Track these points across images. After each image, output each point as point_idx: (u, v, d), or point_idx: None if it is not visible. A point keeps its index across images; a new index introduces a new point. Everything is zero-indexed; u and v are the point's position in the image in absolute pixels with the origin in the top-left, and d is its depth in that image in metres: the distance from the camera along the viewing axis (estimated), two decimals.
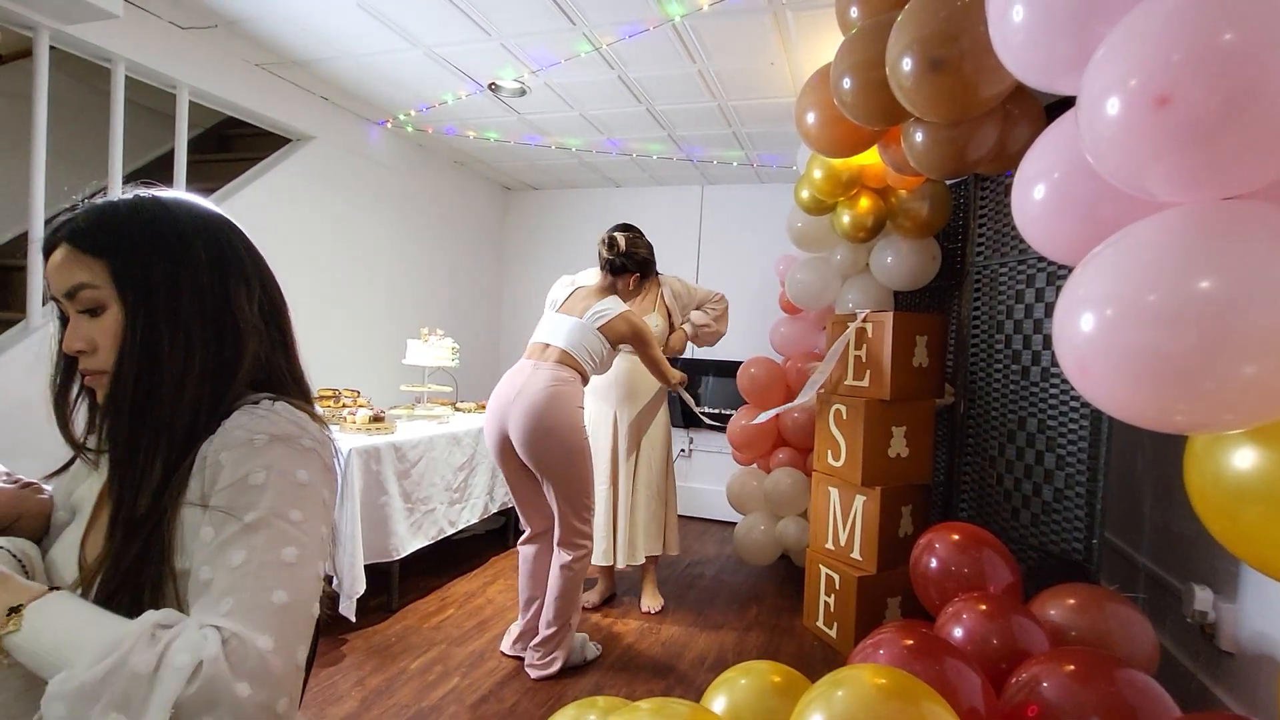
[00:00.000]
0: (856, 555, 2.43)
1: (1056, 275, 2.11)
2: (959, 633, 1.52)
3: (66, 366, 0.75)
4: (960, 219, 2.66)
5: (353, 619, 2.29)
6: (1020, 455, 2.23)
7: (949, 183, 2.62)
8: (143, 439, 0.67)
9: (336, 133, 3.24)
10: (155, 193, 0.73)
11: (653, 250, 2.41)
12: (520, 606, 2.31)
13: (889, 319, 2.35)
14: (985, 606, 1.54)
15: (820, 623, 2.54)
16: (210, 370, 0.70)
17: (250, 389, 0.73)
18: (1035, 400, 2.18)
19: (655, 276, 2.76)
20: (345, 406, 2.85)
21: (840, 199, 2.57)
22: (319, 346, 3.21)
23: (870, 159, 2.32)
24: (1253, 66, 0.73)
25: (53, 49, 2.12)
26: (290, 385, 0.77)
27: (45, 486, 0.81)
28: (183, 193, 0.76)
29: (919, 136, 1.74)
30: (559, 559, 2.16)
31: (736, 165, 3.91)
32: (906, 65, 1.51)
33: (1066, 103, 1.01)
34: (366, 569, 2.34)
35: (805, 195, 2.64)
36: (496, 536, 3.52)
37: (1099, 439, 1.94)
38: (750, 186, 4.28)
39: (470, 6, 2.25)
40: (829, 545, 2.55)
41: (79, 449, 0.76)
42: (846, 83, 1.74)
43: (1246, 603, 1.58)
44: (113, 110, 2.32)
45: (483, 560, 3.26)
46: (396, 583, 2.63)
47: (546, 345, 2.20)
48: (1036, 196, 1.15)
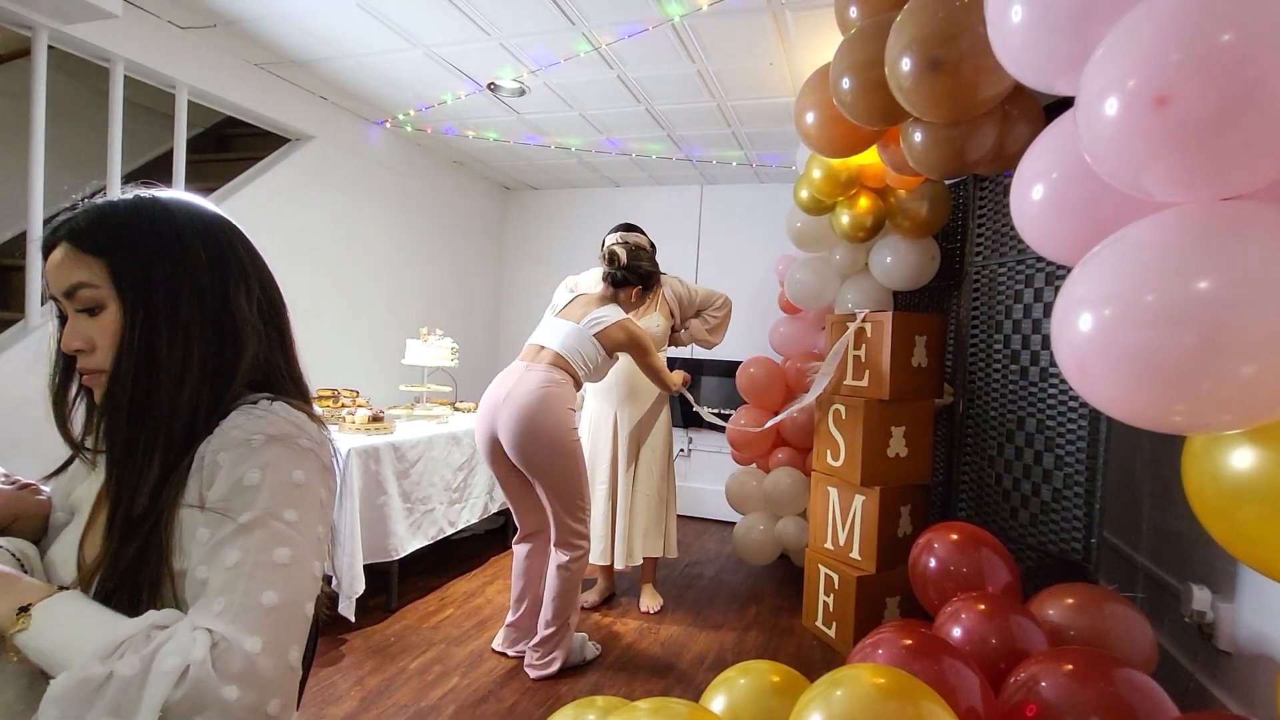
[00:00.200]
0: (855, 555, 2.43)
1: (1055, 275, 2.11)
2: (958, 632, 1.52)
3: (65, 366, 0.75)
4: (959, 219, 2.67)
5: (352, 619, 2.29)
6: (1019, 455, 2.23)
7: (948, 183, 2.62)
8: (140, 439, 0.67)
9: (336, 132, 3.24)
10: (155, 193, 0.73)
11: (655, 261, 2.39)
12: (511, 603, 2.32)
13: (888, 319, 2.35)
14: (984, 606, 1.54)
15: (819, 622, 2.54)
16: (209, 370, 0.70)
17: (249, 389, 0.73)
18: (1034, 400, 2.18)
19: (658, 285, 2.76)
20: (344, 406, 2.85)
21: (839, 199, 2.57)
22: (318, 346, 3.21)
23: (869, 159, 2.32)
24: (1251, 67, 0.73)
25: (51, 48, 2.11)
26: (289, 385, 0.77)
27: (43, 487, 0.81)
28: (183, 193, 0.76)
29: (918, 137, 1.74)
30: (556, 559, 2.16)
31: (736, 165, 3.91)
32: (905, 65, 1.51)
33: (1065, 103, 1.01)
34: (366, 569, 2.34)
35: (804, 195, 2.64)
36: (496, 536, 3.52)
37: (1097, 439, 1.94)
38: (750, 186, 4.29)
39: (469, 6, 2.24)
40: (828, 545, 2.55)
41: (77, 448, 0.76)
42: (846, 83, 1.74)
43: (1244, 602, 1.59)
44: (111, 110, 2.32)
45: (482, 560, 3.26)
46: (396, 582, 2.63)
47: (541, 348, 2.20)
48: (1035, 196, 1.15)
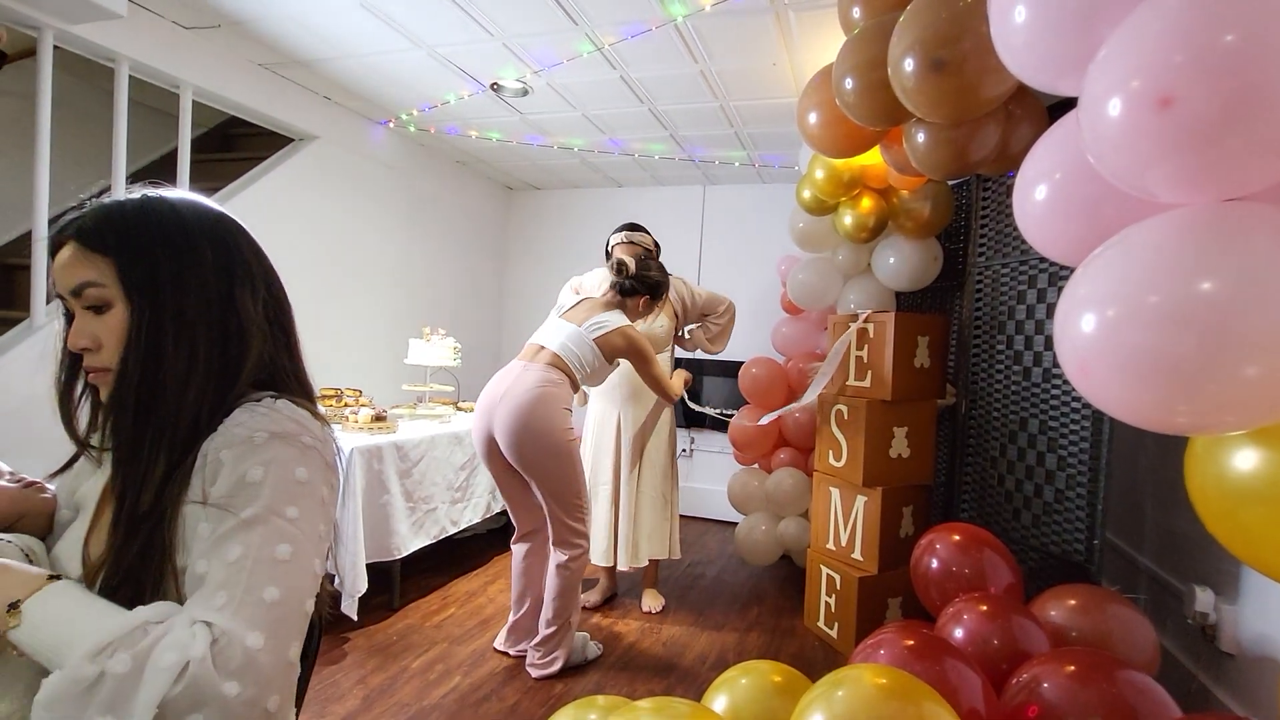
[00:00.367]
0: (857, 556, 2.43)
1: (1058, 276, 2.11)
2: (960, 633, 1.52)
3: (71, 364, 0.75)
4: (962, 219, 2.66)
5: (355, 618, 2.29)
6: (1021, 456, 2.22)
7: (951, 183, 2.62)
8: (146, 437, 0.67)
9: (339, 132, 3.25)
10: (162, 193, 0.74)
11: (664, 269, 2.37)
12: (512, 603, 2.32)
13: (890, 319, 2.35)
14: (986, 607, 1.54)
15: (821, 623, 2.54)
16: (214, 369, 0.70)
17: (254, 388, 0.73)
18: (1037, 401, 2.18)
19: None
20: (347, 406, 2.86)
21: (842, 199, 2.57)
22: (321, 346, 3.21)
23: (872, 159, 2.32)
24: (1255, 68, 0.73)
25: (57, 48, 2.12)
26: (293, 385, 0.78)
27: (49, 486, 0.82)
28: (189, 193, 0.76)
29: (921, 137, 1.74)
30: (555, 558, 2.16)
31: (738, 165, 3.91)
32: (908, 66, 1.51)
33: (1069, 103, 1.01)
34: (368, 568, 2.34)
35: (807, 195, 2.64)
36: (498, 536, 3.53)
37: (1100, 440, 1.94)
38: (752, 187, 4.28)
39: (473, 6, 2.25)
40: (830, 545, 2.55)
41: (83, 446, 0.77)
42: (848, 83, 1.74)
43: (1248, 604, 1.58)
44: (116, 110, 2.33)
45: (484, 559, 3.26)
46: (398, 581, 2.63)
47: (541, 347, 2.20)
48: (1038, 197, 1.15)
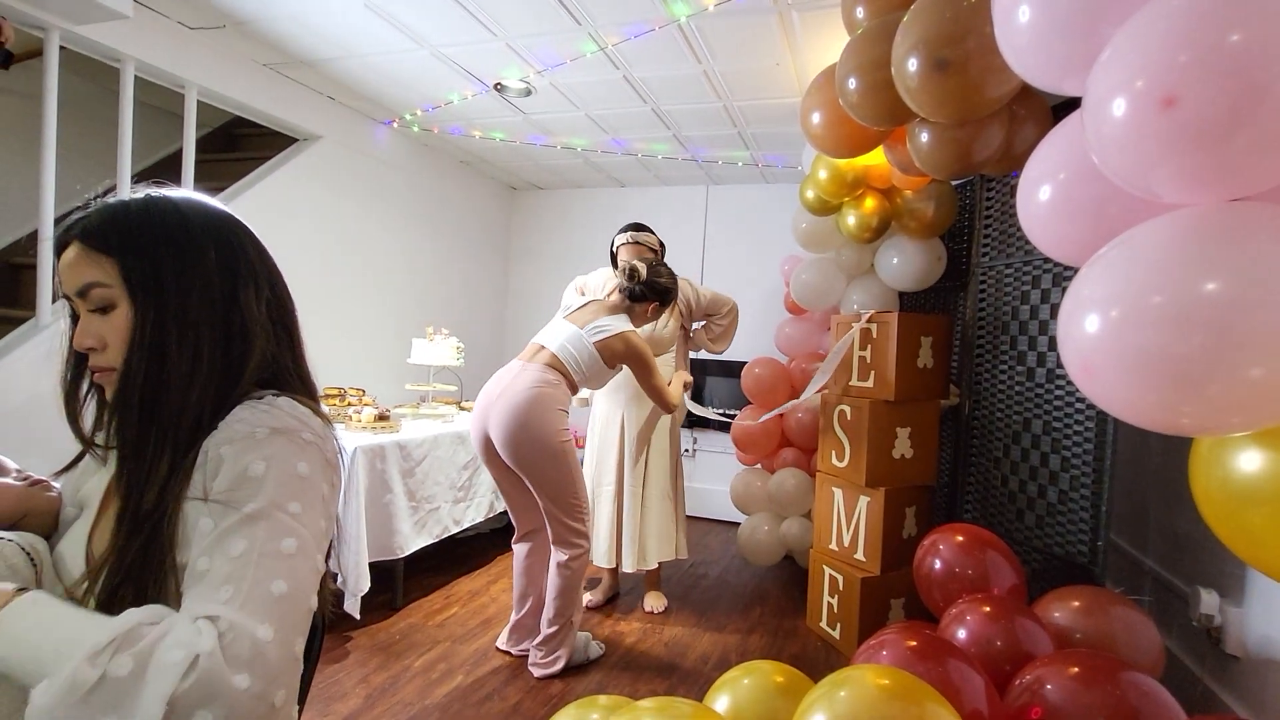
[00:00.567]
0: (860, 556, 2.43)
1: (1062, 276, 2.10)
2: (962, 634, 1.51)
3: (77, 363, 0.76)
4: (966, 219, 2.66)
5: (357, 616, 2.30)
6: (1025, 457, 2.22)
7: (955, 183, 2.61)
8: (150, 435, 0.67)
9: (343, 132, 3.26)
10: (167, 192, 0.74)
11: (673, 274, 2.34)
12: (514, 602, 2.32)
13: (894, 319, 2.34)
14: (989, 608, 1.53)
15: (824, 624, 2.54)
16: (218, 369, 0.71)
17: (257, 387, 0.74)
18: (1040, 402, 2.17)
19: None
20: (351, 405, 2.86)
21: (845, 199, 2.56)
22: (324, 345, 3.22)
23: (875, 159, 2.32)
24: (1259, 68, 0.73)
25: (63, 49, 2.13)
26: (296, 384, 0.78)
27: (54, 484, 0.82)
28: (194, 193, 0.77)
29: (924, 137, 1.74)
30: (555, 557, 2.16)
31: (742, 165, 3.91)
32: (912, 66, 1.50)
33: (1073, 103, 1.01)
34: (371, 567, 2.35)
35: (810, 196, 2.63)
36: (501, 535, 3.53)
37: (1104, 441, 1.93)
38: (755, 187, 4.28)
39: (476, 7, 2.25)
40: (833, 546, 2.55)
41: (88, 444, 0.77)
42: (852, 83, 1.74)
43: (1253, 607, 1.58)
44: (121, 110, 2.34)
45: (487, 559, 3.27)
46: (401, 581, 2.64)
47: (541, 347, 2.20)
48: (1042, 197, 1.15)
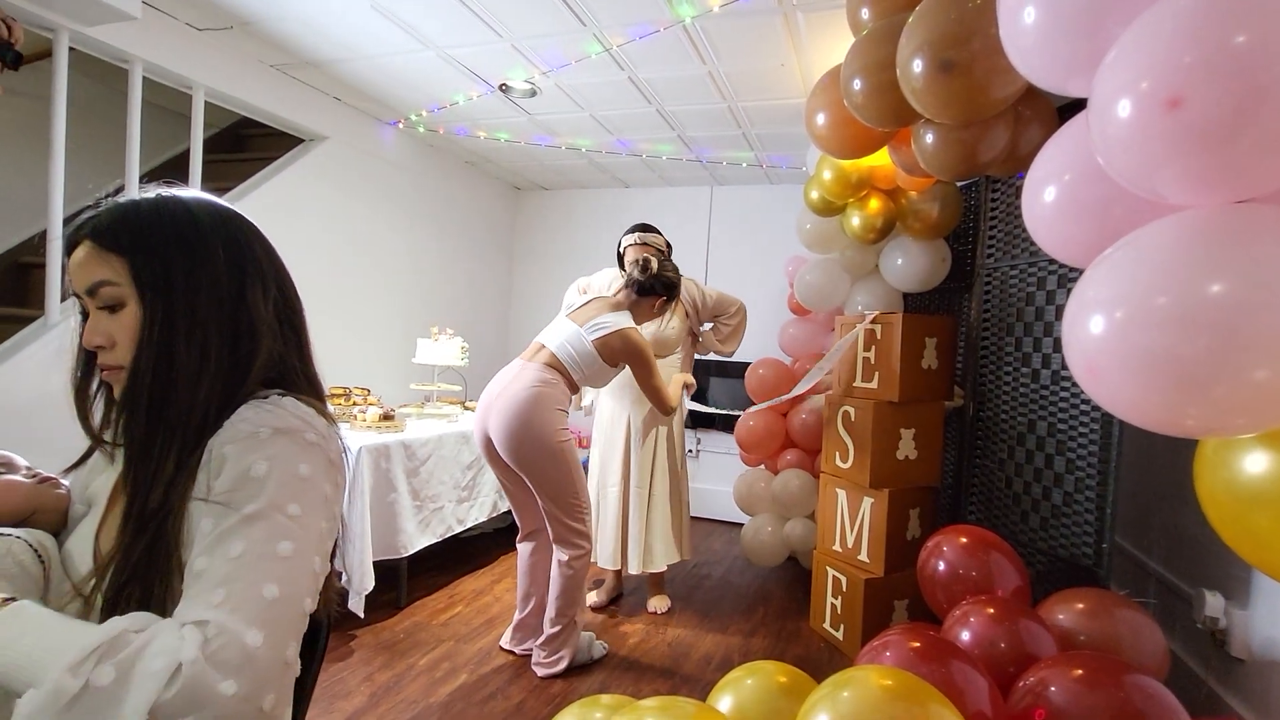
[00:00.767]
0: (864, 557, 2.42)
1: (1067, 278, 2.09)
2: (966, 636, 1.51)
3: (86, 361, 0.76)
4: (971, 220, 2.65)
5: (361, 615, 2.31)
6: (1030, 458, 2.21)
7: (960, 184, 2.61)
8: (158, 434, 0.68)
9: (349, 133, 3.27)
10: (176, 192, 0.74)
11: (678, 269, 2.36)
12: (518, 602, 2.33)
13: (898, 320, 2.34)
14: (993, 610, 1.53)
15: (827, 625, 2.54)
16: (225, 368, 0.71)
17: (264, 386, 0.74)
18: (1045, 403, 2.16)
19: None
20: (355, 405, 2.88)
21: (850, 200, 2.56)
22: (330, 345, 3.23)
23: (880, 160, 2.31)
24: (1265, 69, 0.73)
25: (72, 50, 2.15)
26: (303, 384, 0.78)
27: (63, 481, 0.83)
28: (203, 193, 0.77)
29: (929, 138, 1.74)
30: (556, 556, 2.16)
31: (746, 166, 3.91)
32: (917, 67, 1.50)
33: (1079, 104, 1.01)
34: (375, 566, 2.36)
35: (815, 196, 2.63)
36: (504, 535, 3.53)
37: (1110, 443, 1.93)
38: (760, 187, 4.28)
39: (482, 8, 2.26)
40: (836, 547, 2.55)
41: (98, 441, 0.78)
42: (857, 84, 1.74)
43: (1258, 609, 1.57)
44: (130, 110, 2.35)
45: (491, 558, 3.27)
46: (405, 580, 2.64)
47: (541, 346, 2.20)
48: (1047, 198, 1.14)
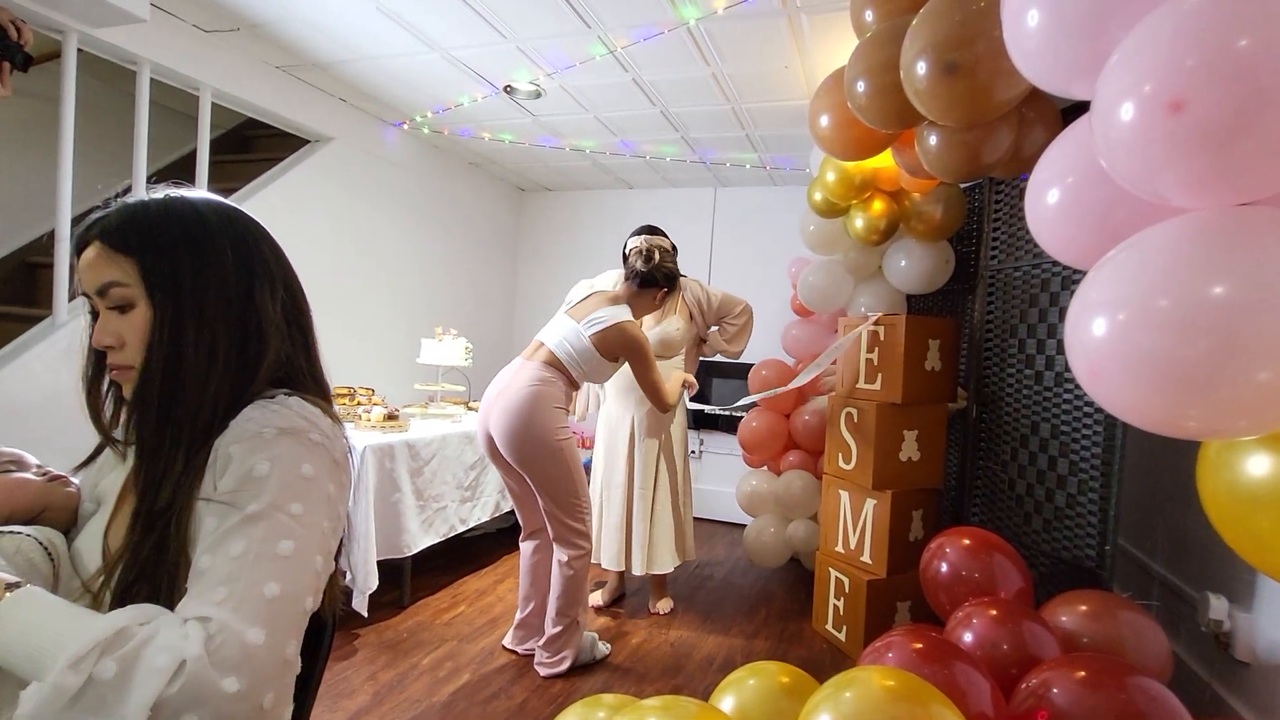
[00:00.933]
0: (866, 559, 2.42)
1: (1071, 280, 2.09)
2: (969, 637, 1.51)
3: (96, 360, 0.77)
4: (974, 222, 2.65)
5: (365, 614, 2.32)
6: (1033, 460, 2.21)
7: (963, 186, 2.61)
8: (167, 433, 0.68)
9: (354, 134, 3.28)
10: (185, 193, 0.75)
11: (677, 264, 2.36)
12: (519, 602, 2.33)
13: (901, 322, 2.34)
14: (995, 612, 1.53)
15: (829, 626, 2.54)
16: (233, 368, 0.71)
17: (271, 386, 0.74)
18: (1049, 405, 2.16)
19: (677, 280, 2.75)
20: (360, 404, 2.89)
21: (853, 202, 2.56)
22: (335, 345, 3.24)
23: (884, 162, 2.31)
24: (1267, 72, 0.73)
25: (80, 51, 2.16)
26: (310, 384, 0.78)
27: (73, 480, 0.84)
28: (211, 194, 0.77)
29: (933, 140, 1.74)
30: (557, 555, 2.16)
31: (750, 168, 3.91)
32: (921, 69, 1.51)
33: (1083, 106, 1.01)
34: (379, 565, 2.37)
35: (818, 198, 2.63)
36: (507, 535, 3.54)
37: (1113, 445, 1.92)
38: (763, 189, 4.28)
39: (487, 10, 2.27)
40: (839, 548, 2.55)
41: (108, 440, 0.78)
42: (860, 86, 1.74)
43: (1263, 612, 1.57)
44: (137, 111, 2.37)
45: (494, 558, 3.28)
46: (409, 579, 2.65)
47: (540, 345, 2.20)
48: (1050, 200, 1.15)
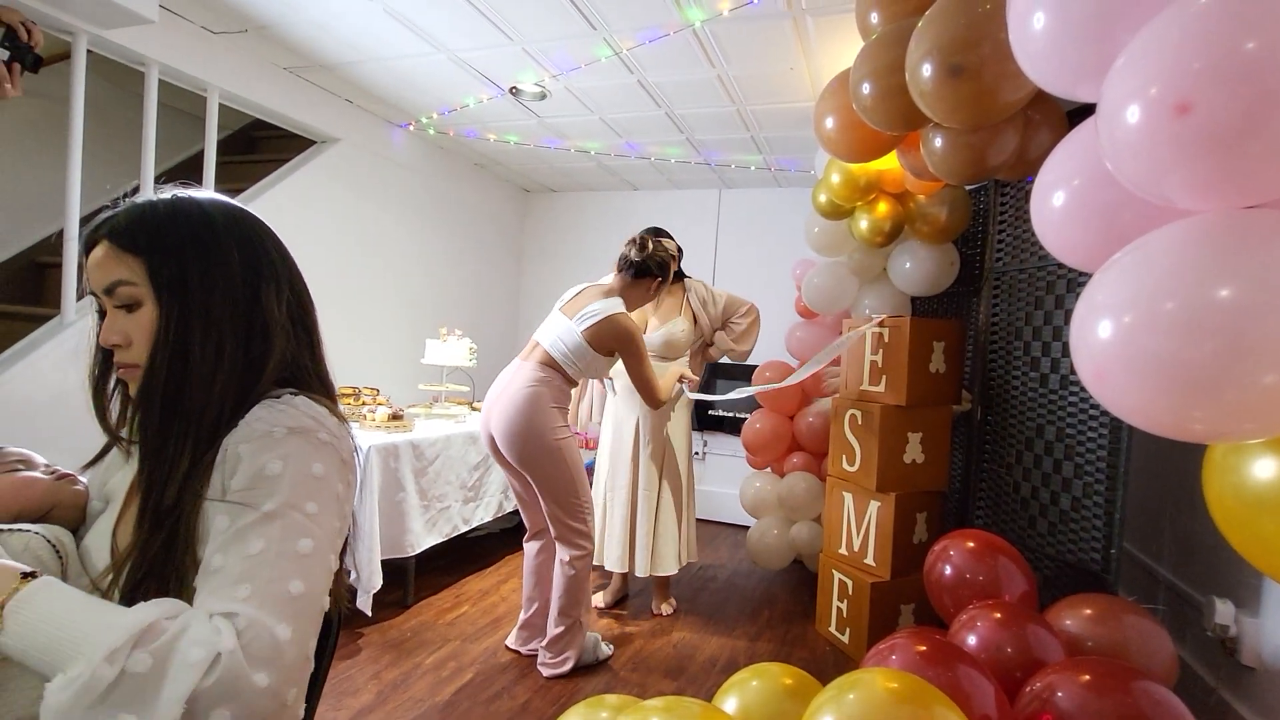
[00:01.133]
0: (870, 561, 2.42)
1: (1076, 282, 2.09)
2: (973, 640, 1.51)
3: (104, 359, 0.77)
4: (980, 224, 2.64)
5: (369, 613, 2.32)
6: (1038, 463, 2.20)
7: (968, 188, 2.60)
8: (172, 432, 0.69)
9: (360, 135, 3.30)
10: (192, 194, 0.75)
11: (671, 255, 2.32)
12: (523, 602, 2.34)
13: (906, 324, 2.34)
14: (1000, 615, 1.53)
15: (833, 628, 2.53)
16: (239, 367, 0.72)
17: (276, 386, 0.75)
18: (1054, 407, 2.15)
19: (682, 281, 2.75)
20: (365, 404, 2.89)
21: (858, 204, 2.56)
22: (340, 344, 3.26)
23: (889, 164, 2.31)
24: (1274, 75, 0.73)
25: (90, 53, 2.18)
26: (315, 383, 0.79)
27: (81, 478, 0.84)
28: (218, 194, 0.78)
29: (938, 142, 1.74)
30: (559, 555, 2.16)
31: (754, 169, 3.91)
32: (926, 71, 1.51)
33: (1089, 108, 1.00)
34: (383, 565, 2.37)
35: (823, 200, 2.63)
36: (511, 535, 3.55)
37: (1119, 448, 1.91)
38: (768, 191, 4.28)
39: (493, 12, 2.28)
40: (843, 550, 2.54)
41: (114, 438, 0.79)
42: (866, 88, 1.74)
43: (1269, 617, 1.56)
44: (146, 112, 2.38)
45: (497, 558, 3.29)
46: (412, 579, 2.66)
47: (536, 344, 2.20)
48: (1056, 203, 1.15)
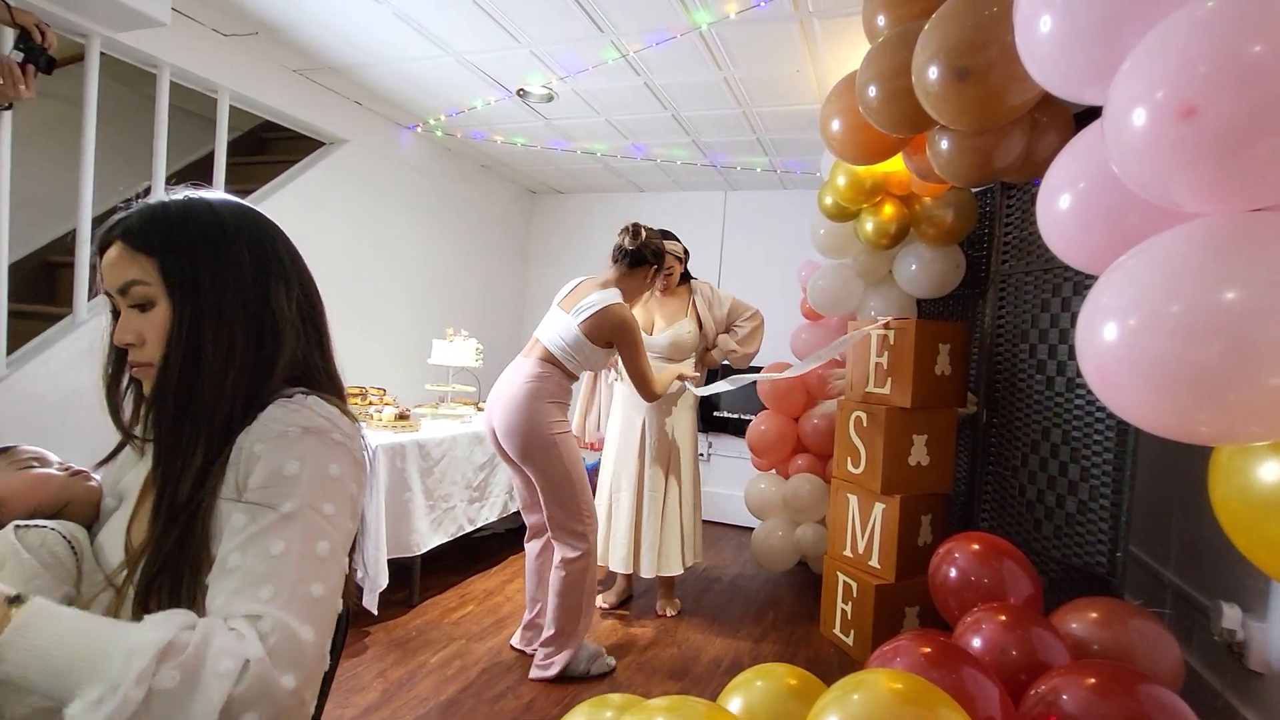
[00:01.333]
0: (875, 563, 2.41)
1: (1083, 284, 2.08)
2: (977, 643, 1.51)
3: (117, 358, 0.78)
4: (986, 226, 2.64)
5: (375, 612, 2.34)
6: (1044, 466, 2.20)
7: (975, 190, 2.60)
8: (185, 429, 0.70)
9: (368, 137, 3.32)
10: (203, 194, 0.77)
11: (664, 248, 2.32)
12: (526, 602, 2.35)
13: (912, 326, 2.33)
14: (1005, 617, 1.52)
15: (837, 630, 2.53)
16: (250, 366, 0.73)
17: (287, 384, 0.76)
18: (1060, 410, 2.15)
19: (688, 283, 2.75)
20: (372, 404, 2.91)
21: (864, 206, 2.56)
22: (348, 344, 3.24)
23: (895, 166, 2.31)
24: (1279, 78, 0.73)
25: (102, 55, 2.20)
26: (325, 382, 0.80)
27: (94, 475, 0.85)
28: (229, 195, 0.79)
29: (944, 144, 1.74)
30: (556, 554, 2.15)
31: (760, 171, 3.91)
32: (933, 74, 1.51)
33: (1096, 111, 1.00)
34: (388, 564, 2.38)
35: (829, 202, 2.63)
36: (515, 535, 3.55)
37: (1125, 451, 1.91)
38: (774, 193, 4.28)
39: (501, 14, 2.29)
40: (847, 552, 2.54)
41: (128, 436, 0.80)
42: (872, 90, 1.74)
43: (1277, 621, 1.55)
44: (157, 114, 2.41)
45: (502, 558, 3.30)
46: (418, 578, 2.67)
47: (536, 341, 2.19)
48: (1062, 205, 1.15)
